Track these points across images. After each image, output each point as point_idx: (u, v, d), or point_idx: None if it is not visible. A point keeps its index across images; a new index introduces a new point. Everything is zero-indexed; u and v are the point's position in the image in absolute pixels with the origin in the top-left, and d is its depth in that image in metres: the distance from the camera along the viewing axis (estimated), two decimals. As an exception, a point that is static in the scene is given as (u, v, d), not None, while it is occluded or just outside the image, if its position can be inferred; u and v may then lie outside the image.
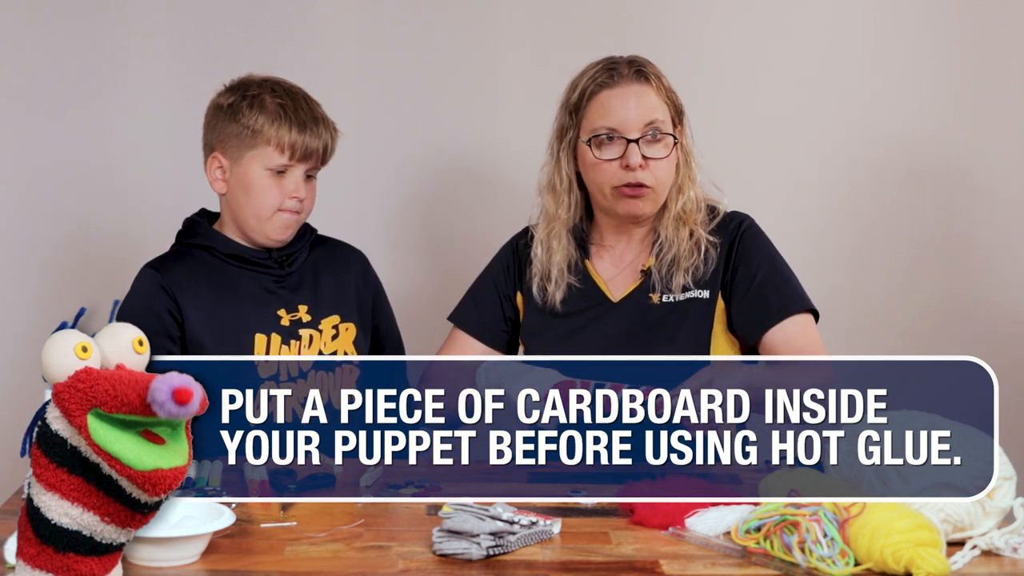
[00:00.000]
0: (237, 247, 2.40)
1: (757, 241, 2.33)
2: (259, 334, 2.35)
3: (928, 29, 3.02)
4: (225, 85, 2.42)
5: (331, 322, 2.40)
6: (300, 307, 2.39)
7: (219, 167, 2.38)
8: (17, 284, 2.99)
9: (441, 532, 1.71)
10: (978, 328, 3.06)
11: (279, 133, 2.32)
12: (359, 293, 2.48)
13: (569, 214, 2.36)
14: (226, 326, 2.34)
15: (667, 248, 2.32)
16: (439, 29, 3.00)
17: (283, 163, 2.34)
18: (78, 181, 2.98)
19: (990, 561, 1.71)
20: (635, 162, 2.26)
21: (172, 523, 1.70)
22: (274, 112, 2.34)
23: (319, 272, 2.45)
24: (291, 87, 2.40)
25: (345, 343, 2.40)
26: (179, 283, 2.36)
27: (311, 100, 2.40)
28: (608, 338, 2.30)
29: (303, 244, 2.45)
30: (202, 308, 2.35)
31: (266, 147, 2.33)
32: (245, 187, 2.36)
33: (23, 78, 2.96)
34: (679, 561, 1.69)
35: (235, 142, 2.35)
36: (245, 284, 2.39)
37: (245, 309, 2.36)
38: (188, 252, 2.42)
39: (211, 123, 2.40)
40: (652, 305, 2.31)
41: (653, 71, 2.31)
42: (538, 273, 2.37)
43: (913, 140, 3.04)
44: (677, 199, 2.32)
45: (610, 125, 2.28)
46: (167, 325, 2.33)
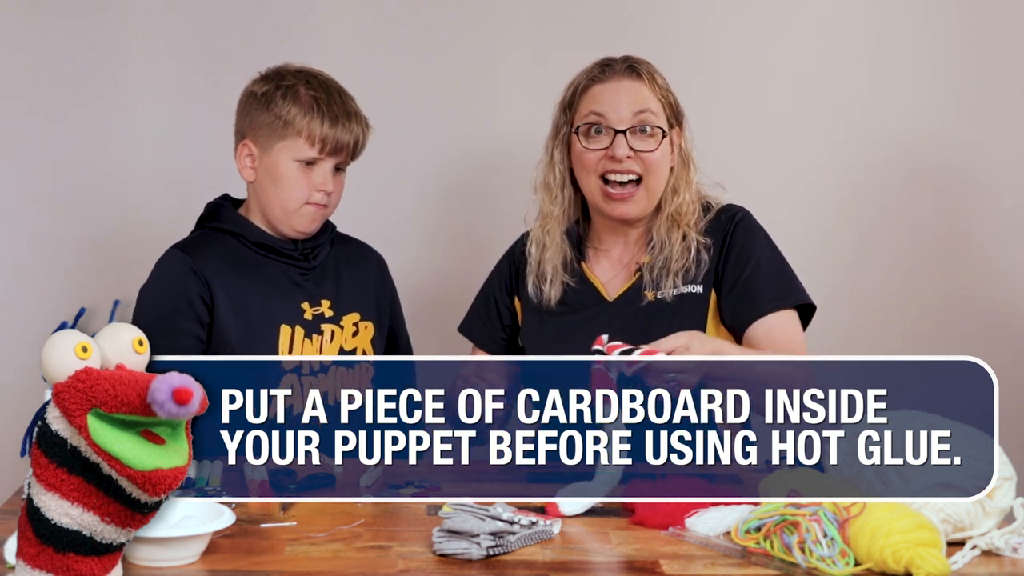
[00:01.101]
0: (264, 235, 2.38)
1: (749, 233, 2.33)
2: (284, 325, 2.35)
3: (928, 29, 3.02)
4: (260, 73, 2.40)
5: (352, 319, 2.40)
6: (323, 302, 2.39)
7: (249, 154, 2.37)
8: (17, 284, 2.99)
9: (441, 532, 1.71)
10: (978, 328, 3.06)
11: (311, 125, 2.31)
12: (378, 294, 2.48)
13: (563, 211, 2.37)
14: (252, 315, 2.33)
15: (660, 249, 2.32)
16: (439, 29, 3.00)
17: (313, 156, 2.33)
18: (78, 181, 2.98)
19: (990, 561, 1.71)
20: (621, 153, 2.26)
21: (172, 523, 1.70)
22: (307, 104, 2.33)
23: (341, 268, 2.44)
24: (326, 80, 2.38)
25: (363, 341, 2.41)
26: (210, 266, 2.34)
27: (345, 94, 2.39)
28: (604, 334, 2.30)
29: (326, 238, 2.44)
30: (230, 295, 2.33)
31: (297, 139, 2.32)
32: (274, 177, 2.35)
33: (23, 78, 2.96)
34: (679, 561, 1.69)
35: (266, 131, 2.34)
36: (271, 273, 2.38)
37: (271, 299, 2.35)
38: (214, 236, 2.40)
39: (244, 110, 2.39)
40: (646, 302, 2.31)
41: (647, 69, 2.32)
42: (533, 272, 2.37)
43: (913, 140, 3.04)
44: (672, 200, 2.33)
45: (599, 111, 2.28)
46: (199, 311, 2.32)
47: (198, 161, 2.81)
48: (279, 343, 2.33)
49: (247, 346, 2.30)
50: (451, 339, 2.90)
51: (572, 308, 2.35)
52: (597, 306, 2.35)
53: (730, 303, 2.30)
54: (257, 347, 2.31)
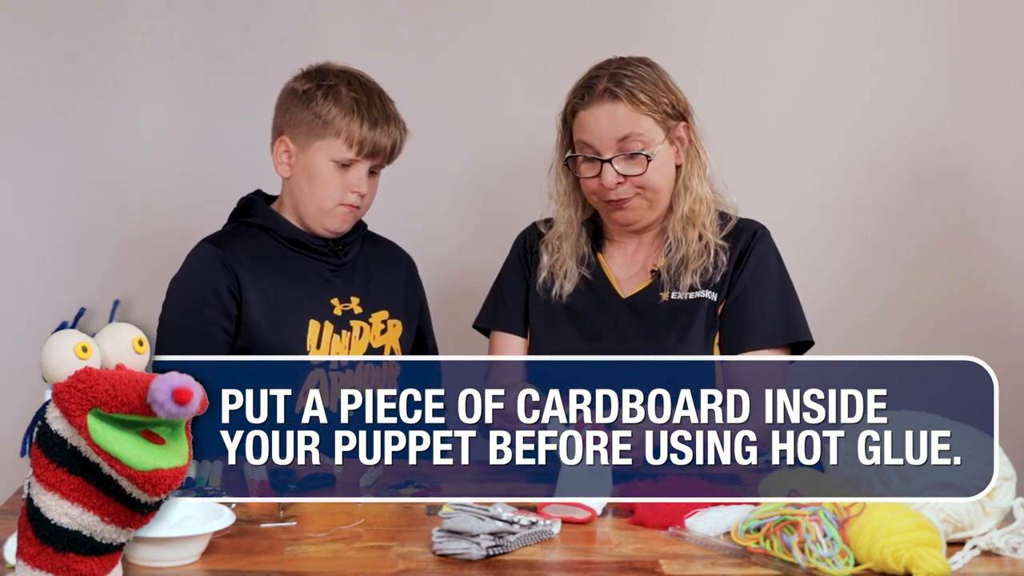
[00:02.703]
0: (296, 231, 2.39)
1: (765, 256, 2.32)
2: (313, 320, 2.35)
3: (928, 29, 3.02)
4: (302, 70, 2.40)
5: (381, 316, 2.40)
6: (352, 298, 2.39)
7: (285, 151, 2.37)
8: (17, 284, 2.99)
9: (441, 532, 1.71)
10: (978, 328, 3.05)
11: (350, 127, 2.32)
12: (407, 293, 2.49)
13: (576, 215, 2.38)
14: (281, 309, 2.34)
15: (676, 248, 2.32)
16: (439, 29, 2.99)
17: (350, 157, 2.33)
18: (78, 181, 2.97)
19: (990, 561, 1.71)
20: (609, 182, 2.27)
21: (172, 523, 1.70)
22: (348, 105, 2.33)
23: (371, 266, 2.45)
24: (367, 81, 2.39)
25: (392, 339, 2.41)
26: (240, 259, 2.35)
27: (385, 97, 2.39)
28: (615, 331, 2.30)
29: (357, 236, 2.45)
30: (260, 288, 2.34)
31: (335, 139, 2.33)
32: (309, 176, 2.35)
33: (23, 78, 2.95)
34: (679, 561, 1.69)
35: (304, 129, 2.34)
36: (302, 268, 2.38)
37: (301, 294, 2.36)
38: (246, 230, 2.40)
39: (283, 106, 2.39)
40: (660, 302, 2.31)
41: (629, 86, 2.27)
42: (544, 270, 2.37)
43: (913, 140, 3.03)
44: (684, 198, 2.32)
45: (586, 140, 2.29)
46: (226, 303, 2.32)
47: (198, 161, 2.80)
48: (308, 338, 2.34)
49: (276, 340, 2.31)
50: (451, 339, 2.90)
51: (585, 301, 2.34)
52: (610, 301, 2.34)
53: (728, 324, 2.29)
54: (286, 341, 2.32)
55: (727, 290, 2.30)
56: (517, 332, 2.39)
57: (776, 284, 2.31)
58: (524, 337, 2.39)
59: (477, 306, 2.48)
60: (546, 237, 2.39)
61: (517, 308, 2.40)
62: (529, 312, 2.38)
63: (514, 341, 2.39)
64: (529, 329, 2.39)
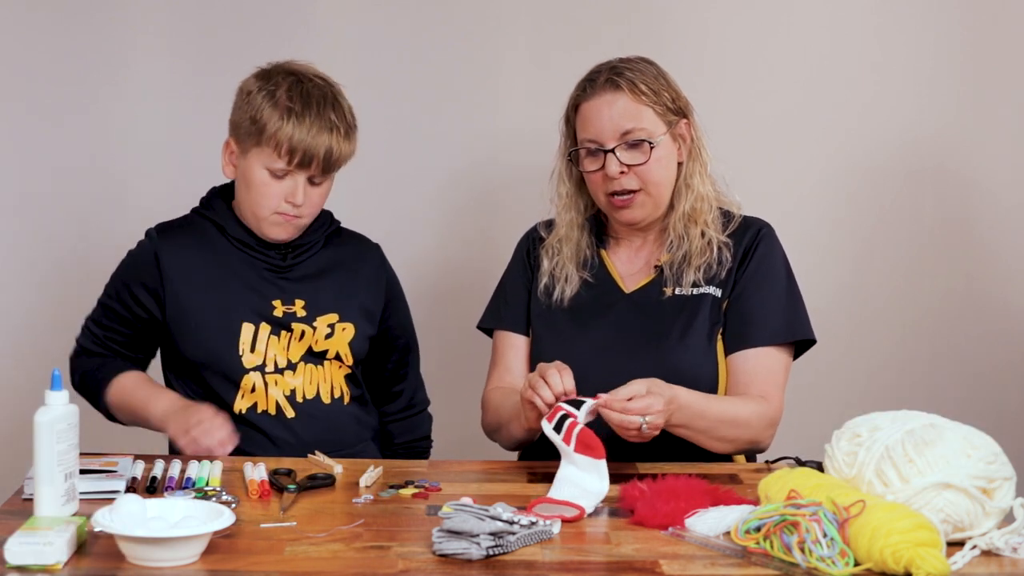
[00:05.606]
0: (244, 232, 2.36)
1: (769, 256, 2.31)
2: (246, 322, 2.32)
3: (928, 29, 3.02)
4: (259, 68, 2.35)
5: (327, 320, 2.36)
6: (297, 301, 2.35)
7: (231, 152, 2.35)
8: (17, 284, 2.99)
9: (441, 532, 1.71)
10: (978, 328, 3.06)
11: (279, 136, 2.26)
12: (370, 290, 2.44)
13: (577, 218, 2.38)
14: (215, 305, 2.32)
15: (678, 245, 2.32)
16: (439, 29, 2.99)
17: (281, 167, 2.28)
18: (78, 181, 2.97)
19: (990, 561, 1.71)
20: (613, 171, 2.27)
21: (172, 523, 1.70)
22: (280, 112, 2.27)
23: (329, 267, 2.41)
24: (313, 87, 2.30)
25: (340, 343, 2.37)
26: (177, 252, 2.35)
27: (328, 102, 2.30)
28: (618, 326, 2.30)
29: (319, 236, 2.41)
30: (194, 281, 2.33)
31: (267, 147, 2.27)
32: (247, 182, 2.32)
33: (23, 78, 2.95)
34: (679, 561, 1.69)
35: (244, 133, 2.31)
36: (243, 269, 2.35)
37: (237, 294, 2.33)
38: (201, 223, 2.40)
39: (235, 104, 2.35)
40: (664, 298, 2.31)
41: (630, 78, 2.29)
42: (546, 274, 2.37)
43: (913, 140, 3.04)
44: (686, 195, 2.32)
45: (589, 137, 2.30)
46: (134, 310, 2.35)
47: (198, 161, 2.79)
48: (240, 337, 2.32)
49: (207, 335, 2.31)
50: (450, 339, 2.90)
51: (588, 297, 2.34)
52: (613, 296, 2.34)
53: (731, 320, 2.29)
54: (217, 338, 2.31)
55: (731, 286, 2.29)
56: (520, 331, 2.40)
57: (780, 282, 2.31)
58: (527, 336, 2.39)
59: (476, 306, 2.48)
60: (547, 242, 2.39)
61: (520, 308, 2.40)
62: (531, 314, 2.38)
63: (517, 340, 2.40)
64: (531, 329, 2.39)
